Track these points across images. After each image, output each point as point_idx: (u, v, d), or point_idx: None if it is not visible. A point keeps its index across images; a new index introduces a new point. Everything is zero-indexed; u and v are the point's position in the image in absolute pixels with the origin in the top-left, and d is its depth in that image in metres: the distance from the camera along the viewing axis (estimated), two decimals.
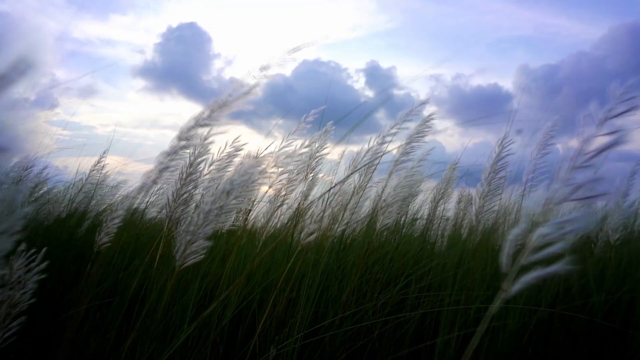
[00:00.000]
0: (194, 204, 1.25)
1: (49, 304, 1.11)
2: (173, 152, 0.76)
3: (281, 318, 1.04)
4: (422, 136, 1.19)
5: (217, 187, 1.01)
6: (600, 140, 0.37)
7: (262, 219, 1.53)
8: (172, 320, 0.90)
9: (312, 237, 1.18)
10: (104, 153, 1.86)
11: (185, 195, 1.28)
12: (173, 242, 1.13)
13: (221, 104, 0.73)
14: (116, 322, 0.91)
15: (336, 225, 1.43)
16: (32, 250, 0.76)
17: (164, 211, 1.76)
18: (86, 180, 2.16)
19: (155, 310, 0.83)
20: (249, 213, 1.61)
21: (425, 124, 1.20)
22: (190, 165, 1.27)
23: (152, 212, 1.90)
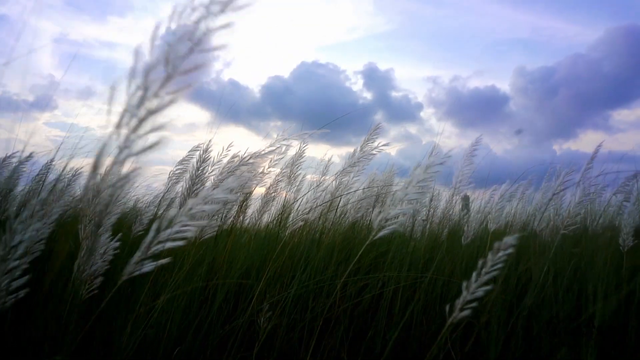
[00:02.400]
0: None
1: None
2: (232, 170, 1.08)
3: (273, 284, 1.37)
4: (372, 143, 1.51)
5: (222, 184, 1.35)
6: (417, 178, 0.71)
7: (255, 215, 1.85)
8: (192, 281, 1.22)
9: (298, 225, 1.52)
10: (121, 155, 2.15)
11: (195, 190, 1.61)
12: None
13: (264, 153, 1.06)
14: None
15: (319, 219, 1.76)
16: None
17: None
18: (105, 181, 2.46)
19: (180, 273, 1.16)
20: (245, 210, 1.93)
21: (373, 134, 1.52)
22: (198, 168, 1.61)
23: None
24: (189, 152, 1.50)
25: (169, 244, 0.50)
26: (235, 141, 1.51)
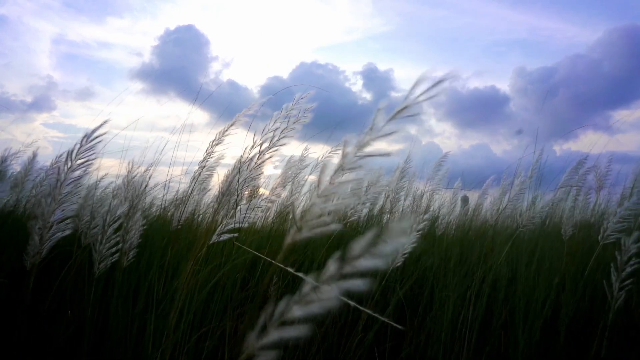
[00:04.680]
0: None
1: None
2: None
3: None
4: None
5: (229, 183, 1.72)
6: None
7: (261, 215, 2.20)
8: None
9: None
10: (154, 162, 2.39)
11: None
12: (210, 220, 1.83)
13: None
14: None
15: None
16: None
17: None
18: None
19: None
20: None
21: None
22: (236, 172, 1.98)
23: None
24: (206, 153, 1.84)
25: (237, 225, 0.89)
26: (234, 142, 1.61)
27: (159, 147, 1.82)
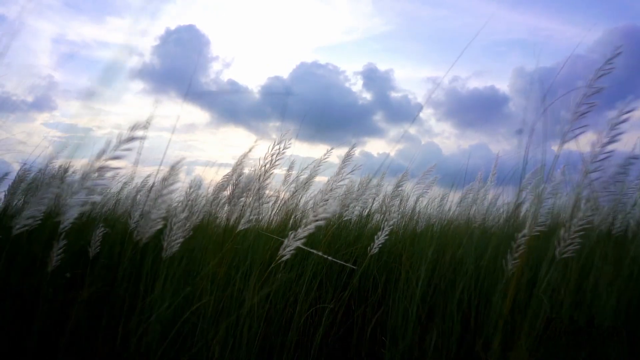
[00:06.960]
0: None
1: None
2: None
3: None
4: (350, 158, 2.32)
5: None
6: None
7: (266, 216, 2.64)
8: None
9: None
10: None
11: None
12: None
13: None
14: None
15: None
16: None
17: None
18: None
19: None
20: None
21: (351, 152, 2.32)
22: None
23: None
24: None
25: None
26: (234, 142, 2.02)
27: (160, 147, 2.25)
